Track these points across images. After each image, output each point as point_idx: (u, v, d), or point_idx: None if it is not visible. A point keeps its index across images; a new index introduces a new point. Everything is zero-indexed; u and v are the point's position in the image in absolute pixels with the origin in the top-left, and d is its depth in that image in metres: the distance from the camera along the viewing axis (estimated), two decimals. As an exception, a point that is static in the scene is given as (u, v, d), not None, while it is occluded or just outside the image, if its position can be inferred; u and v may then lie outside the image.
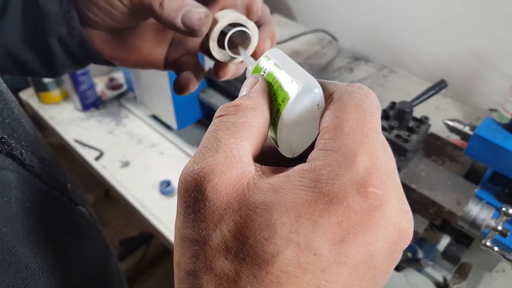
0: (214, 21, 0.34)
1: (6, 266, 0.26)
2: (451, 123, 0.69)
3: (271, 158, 0.24)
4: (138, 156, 1.01)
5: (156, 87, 0.95)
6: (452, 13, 1.05)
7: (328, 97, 0.22)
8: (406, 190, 0.34)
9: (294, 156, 0.24)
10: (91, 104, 1.13)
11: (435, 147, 0.73)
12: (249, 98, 0.23)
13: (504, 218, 0.55)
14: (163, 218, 0.88)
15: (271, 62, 0.24)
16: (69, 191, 0.38)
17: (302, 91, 0.21)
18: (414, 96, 0.72)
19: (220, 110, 0.22)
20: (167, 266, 1.55)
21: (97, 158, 1.00)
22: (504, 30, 0.98)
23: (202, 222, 0.19)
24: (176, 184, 0.67)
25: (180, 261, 0.20)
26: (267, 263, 0.17)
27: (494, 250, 0.54)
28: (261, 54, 0.31)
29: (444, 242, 0.69)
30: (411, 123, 0.66)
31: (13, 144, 0.31)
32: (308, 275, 0.17)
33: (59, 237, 0.33)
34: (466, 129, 0.67)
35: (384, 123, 0.66)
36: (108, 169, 0.98)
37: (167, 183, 0.93)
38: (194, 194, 0.19)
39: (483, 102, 1.09)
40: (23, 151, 0.33)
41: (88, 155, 1.01)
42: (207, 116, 1.04)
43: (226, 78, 0.38)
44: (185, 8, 0.33)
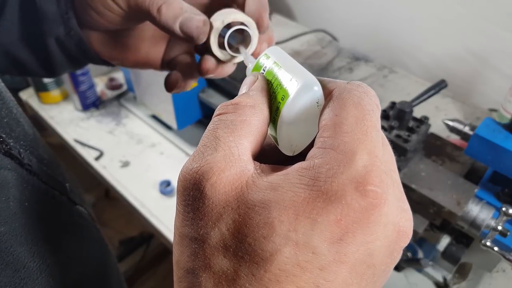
0: (214, 20, 0.34)
1: (4, 266, 0.26)
2: (451, 123, 0.69)
3: (271, 156, 0.24)
4: (138, 156, 1.01)
5: (156, 87, 0.95)
6: (452, 13, 1.05)
7: (327, 95, 0.22)
8: (406, 190, 0.34)
9: (294, 154, 0.24)
10: (91, 104, 1.13)
11: (435, 147, 0.73)
12: (248, 96, 0.22)
13: (504, 218, 0.55)
14: (163, 218, 0.88)
15: (270, 60, 0.24)
16: (67, 191, 0.38)
17: (301, 88, 0.21)
18: (414, 96, 0.72)
19: (219, 109, 0.22)
20: (167, 266, 1.55)
21: (97, 158, 1.00)
22: (504, 30, 0.98)
23: (201, 220, 0.19)
24: (176, 184, 0.66)
25: (179, 259, 0.20)
26: (266, 261, 0.17)
27: (494, 250, 0.54)
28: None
29: (444, 242, 0.69)
30: (411, 123, 0.66)
31: (11, 143, 0.31)
32: (307, 273, 0.17)
33: (57, 236, 0.32)
34: (466, 129, 0.67)
35: (384, 123, 0.66)
36: (108, 169, 0.98)
37: (167, 183, 0.93)
38: (193, 193, 0.19)
39: (483, 102, 1.09)
40: (21, 150, 0.32)
41: (88, 155, 1.01)
42: (207, 116, 1.04)
43: (209, 75, 0.37)
44: (183, 15, 0.33)
